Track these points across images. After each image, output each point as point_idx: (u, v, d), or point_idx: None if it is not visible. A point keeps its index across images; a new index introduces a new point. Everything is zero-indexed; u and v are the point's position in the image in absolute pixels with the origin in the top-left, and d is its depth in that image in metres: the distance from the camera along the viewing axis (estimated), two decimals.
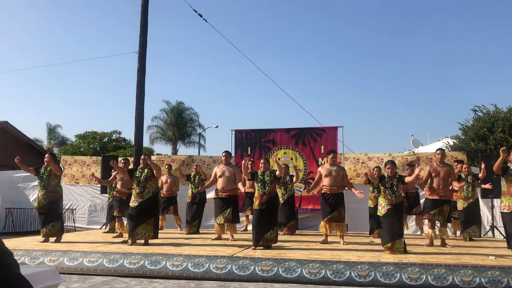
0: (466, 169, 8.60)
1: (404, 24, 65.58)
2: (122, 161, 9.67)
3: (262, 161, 7.37)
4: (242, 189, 8.22)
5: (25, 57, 58.10)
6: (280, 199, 9.33)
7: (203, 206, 9.94)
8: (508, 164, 6.48)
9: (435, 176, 7.44)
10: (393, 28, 65.83)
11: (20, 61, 56.88)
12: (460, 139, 16.55)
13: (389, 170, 6.66)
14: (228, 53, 78.04)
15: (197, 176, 9.87)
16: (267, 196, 7.06)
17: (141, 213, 7.32)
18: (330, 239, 7.89)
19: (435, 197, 7.42)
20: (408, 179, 6.72)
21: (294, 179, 9.64)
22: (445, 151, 7.78)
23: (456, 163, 8.91)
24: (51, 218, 7.78)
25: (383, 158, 11.46)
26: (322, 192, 7.84)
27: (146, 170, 7.49)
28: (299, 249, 6.89)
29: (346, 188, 7.92)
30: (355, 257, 5.95)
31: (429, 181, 7.59)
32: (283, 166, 9.16)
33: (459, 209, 8.79)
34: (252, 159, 10.83)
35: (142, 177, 7.41)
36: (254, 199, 7.38)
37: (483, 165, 8.23)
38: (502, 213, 6.78)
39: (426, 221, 7.92)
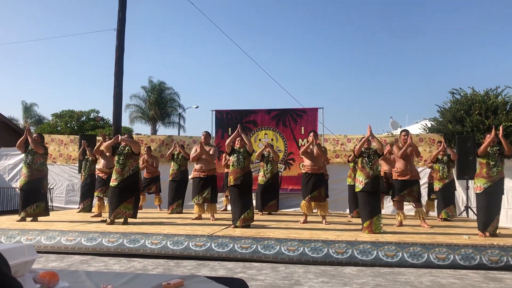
0: (442, 152, 8.77)
1: (383, 8, 65.66)
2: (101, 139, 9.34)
3: (238, 138, 7.38)
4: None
5: None
6: (263, 178, 9.33)
7: (185, 186, 9.77)
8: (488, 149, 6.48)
9: (402, 158, 7.54)
10: (372, 12, 65.87)
11: None
12: (438, 121, 16.75)
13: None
14: (209, 33, 77.17)
15: (180, 155, 9.69)
16: (241, 172, 7.10)
17: (121, 192, 7.21)
18: (310, 219, 7.96)
19: (404, 178, 7.54)
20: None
21: (274, 157, 9.56)
22: (409, 132, 7.79)
23: (438, 144, 9.25)
24: (35, 198, 7.57)
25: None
26: (304, 172, 7.88)
27: (127, 147, 7.40)
28: (278, 228, 6.95)
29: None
30: (333, 236, 6.03)
31: (396, 164, 7.69)
32: (267, 144, 9.24)
33: (435, 190, 8.98)
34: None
35: (123, 153, 7.31)
36: (228, 177, 7.40)
37: (451, 151, 9.02)
38: (475, 193, 6.93)
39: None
